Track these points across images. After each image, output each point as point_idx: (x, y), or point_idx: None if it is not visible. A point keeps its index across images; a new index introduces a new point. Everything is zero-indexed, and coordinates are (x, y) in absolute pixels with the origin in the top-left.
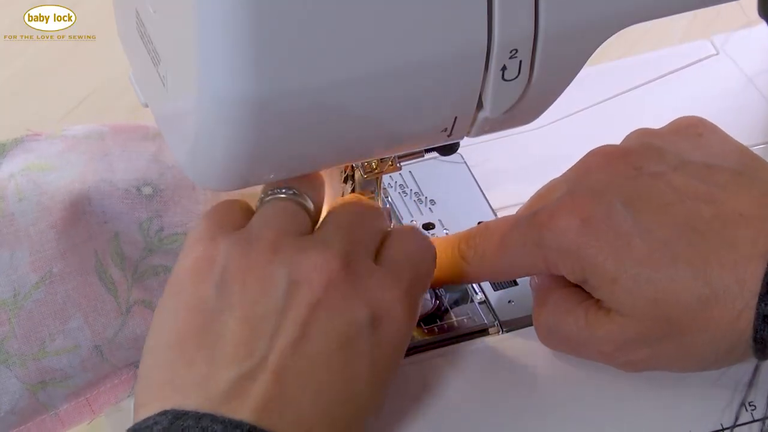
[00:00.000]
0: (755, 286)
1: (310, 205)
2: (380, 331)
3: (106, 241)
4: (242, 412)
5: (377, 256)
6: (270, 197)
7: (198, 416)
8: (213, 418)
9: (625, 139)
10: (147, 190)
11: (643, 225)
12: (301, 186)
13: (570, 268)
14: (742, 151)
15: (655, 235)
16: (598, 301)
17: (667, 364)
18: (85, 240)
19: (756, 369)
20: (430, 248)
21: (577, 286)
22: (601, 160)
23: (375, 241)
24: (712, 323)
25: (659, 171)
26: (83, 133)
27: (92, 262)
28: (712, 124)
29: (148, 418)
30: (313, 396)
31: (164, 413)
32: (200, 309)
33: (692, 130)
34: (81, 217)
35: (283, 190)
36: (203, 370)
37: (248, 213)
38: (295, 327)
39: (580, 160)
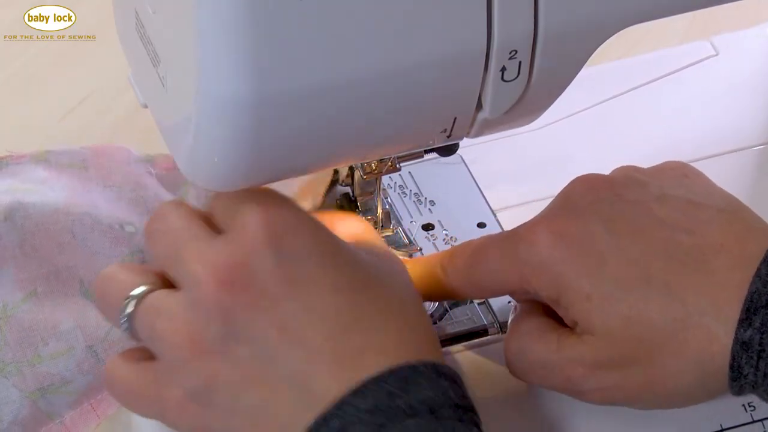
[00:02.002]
0: (732, 312)
1: None
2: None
3: (95, 272)
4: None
5: None
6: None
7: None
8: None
9: (610, 172)
10: (130, 228)
11: (620, 245)
12: None
13: (544, 284)
14: (725, 194)
15: (630, 255)
16: (572, 329)
17: (635, 395)
18: (69, 268)
19: None
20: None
21: (551, 316)
22: (583, 185)
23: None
24: (686, 347)
25: (641, 199)
26: (66, 161)
27: (76, 288)
28: (697, 169)
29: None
30: None
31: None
32: None
33: (678, 171)
34: (65, 248)
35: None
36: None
37: None
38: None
39: (564, 188)
